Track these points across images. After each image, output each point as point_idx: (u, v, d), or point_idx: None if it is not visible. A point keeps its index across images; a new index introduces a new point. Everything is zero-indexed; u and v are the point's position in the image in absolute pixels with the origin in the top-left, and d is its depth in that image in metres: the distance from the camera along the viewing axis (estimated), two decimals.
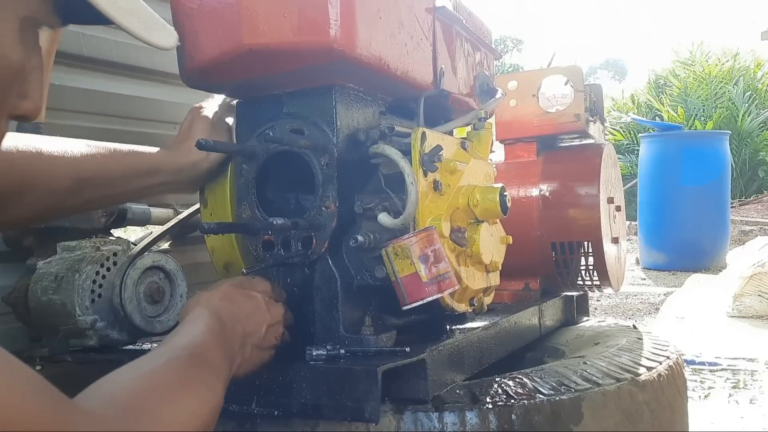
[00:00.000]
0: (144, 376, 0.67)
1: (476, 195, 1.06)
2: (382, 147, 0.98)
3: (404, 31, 1.03)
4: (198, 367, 0.72)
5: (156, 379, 0.67)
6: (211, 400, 0.70)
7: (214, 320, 0.81)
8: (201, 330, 0.79)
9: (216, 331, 0.80)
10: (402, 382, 0.93)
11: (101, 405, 0.59)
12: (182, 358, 0.72)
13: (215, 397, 0.71)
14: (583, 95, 1.60)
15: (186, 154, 1.05)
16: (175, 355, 0.72)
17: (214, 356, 0.76)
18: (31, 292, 1.16)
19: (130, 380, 0.65)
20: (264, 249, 1.02)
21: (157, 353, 0.73)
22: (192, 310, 0.84)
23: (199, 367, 0.72)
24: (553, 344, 1.46)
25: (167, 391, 0.66)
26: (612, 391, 1.02)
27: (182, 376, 0.69)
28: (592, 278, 1.62)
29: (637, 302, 4.17)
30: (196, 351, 0.74)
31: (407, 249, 0.92)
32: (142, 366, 0.69)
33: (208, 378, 0.72)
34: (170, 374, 0.69)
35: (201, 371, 0.72)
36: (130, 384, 0.64)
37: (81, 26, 1.45)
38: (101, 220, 1.27)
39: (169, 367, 0.70)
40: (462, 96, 1.23)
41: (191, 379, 0.70)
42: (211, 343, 0.77)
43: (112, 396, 0.61)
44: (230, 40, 0.93)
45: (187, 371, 0.70)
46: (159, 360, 0.71)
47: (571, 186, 1.58)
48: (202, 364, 0.73)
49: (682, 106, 8.65)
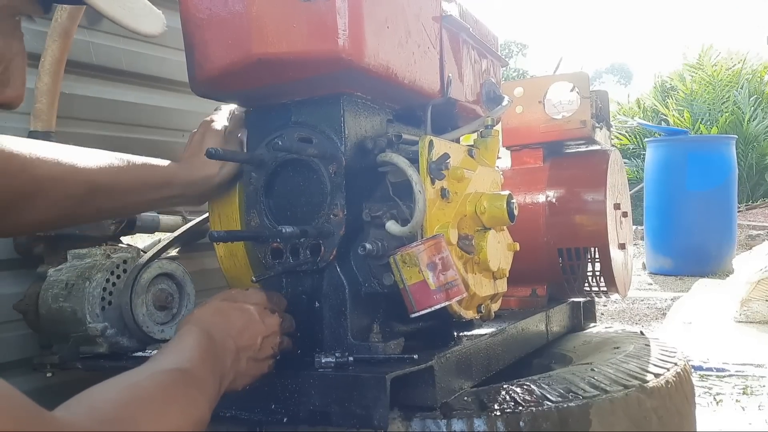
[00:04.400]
0: (126, 388, 0.67)
1: (483, 202, 1.06)
2: (390, 155, 0.99)
3: (411, 39, 1.04)
4: (182, 381, 0.72)
5: (138, 392, 0.67)
6: (193, 415, 0.70)
7: (203, 336, 0.81)
8: (189, 346, 0.79)
9: (204, 347, 0.80)
10: (410, 389, 0.93)
11: (80, 416, 0.59)
12: (166, 372, 0.72)
13: (198, 412, 0.71)
14: (589, 102, 1.60)
15: (198, 169, 1.06)
16: (159, 370, 0.72)
17: (201, 372, 0.76)
18: (42, 300, 1.17)
19: (111, 392, 0.65)
20: (273, 257, 1.02)
21: (142, 368, 0.73)
22: (183, 327, 0.84)
23: (184, 381, 0.72)
24: (560, 350, 1.46)
25: (148, 403, 0.66)
26: (620, 398, 1.03)
27: (165, 389, 0.69)
28: (599, 284, 1.62)
29: (644, 307, 4.16)
30: (182, 366, 0.74)
31: (415, 257, 0.92)
32: (125, 379, 0.69)
33: (192, 393, 0.72)
34: (153, 388, 0.68)
35: (185, 386, 0.72)
36: (112, 396, 0.64)
37: (90, 35, 1.46)
38: (111, 227, 1.28)
39: (153, 381, 0.69)
40: (469, 103, 1.23)
41: (174, 393, 0.70)
42: (198, 360, 0.77)
43: (92, 407, 0.61)
44: (239, 49, 0.94)
45: (171, 385, 0.70)
46: (143, 374, 0.71)
47: (577, 192, 1.58)
48: (187, 379, 0.73)
49: (688, 110, 8.63)
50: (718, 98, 8.66)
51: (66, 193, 0.95)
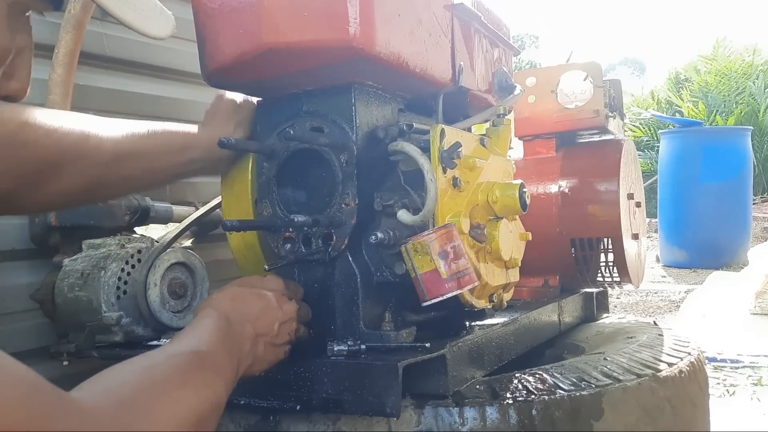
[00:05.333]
0: (143, 370, 0.67)
1: (495, 191, 1.06)
2: (402, 144, 0.99)
3: (423, 28, 1.04)
4: (199, 365, 0.72)
5: (155, 374, 0.67)
6: (209, 397, 0.70)
7: (221, 321, 0.82)
8: (207, 329, 0.79)
9: (222, 332, 0.80)
10: (422, 378, 0.94)
11: (98, 398, 0.59)
12: (184, 355, 0.72)
13: (214, 396, 0.71)
14: (602, 91, 1.59)
15: (215, 131, 1.07)
16: (176, 353, 0.73)
17: (218, 356, 0.76)
18: (58, 289, 1.19)
19: (128, 375, 0.65)
20: (285, 246, 1.03)
21: (159, 351, 0.73)
22: (201, 311, 0.85)
23: (200, 365, 0.72)
24: (572, 341, 1.46)
25: (164, 386, 0.66)
26: (633, 386, 1.02)
27: (181, 372, 0.69)
28: (612, 275, 1.61)
29: (658, 300, 4.14)
30: (199, 350, 0.74)
31: (427, 245, 0.92)
32: (142, 362, 0.69)
33: (208, 376, 0.72)
34: (169, 371, 0.68)
35: (202, 369, 0.72)
36: (129, 378, 0.64)
37: (103, 26, 1.47)
38: (125, 218, 1.29)
39: (169, 364, 0.70)
40: (480, 92, 1.23)
41: (190, 376, 0.70)
42: (216, 343, 0.77)
43: (108, 389, 0.61)
44: (250, 39, 0.94)
45: (187, 368, 0.70)
46: (159, 357, 0.71)
47: (590, 182, 1.57)
48: (204, 362, 0.73)
49: (703, 101, 8.55)
50: (733, 89, 8.57)
51: (92, 161, 0.95)
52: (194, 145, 1.07)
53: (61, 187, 0.94)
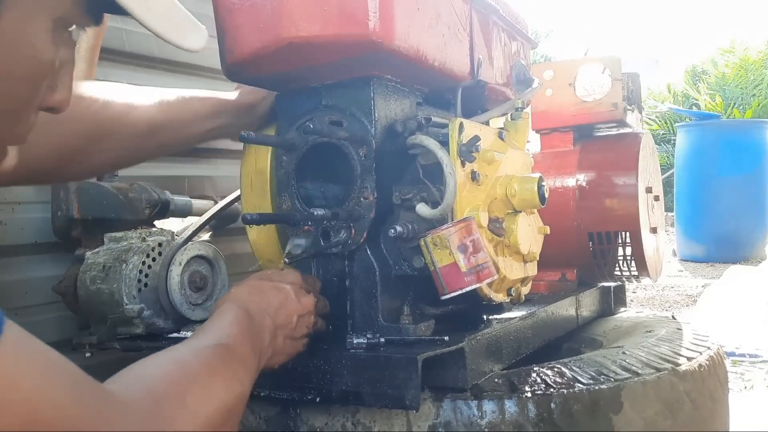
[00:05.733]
0: (172, 364, 0.68)
1: (514, 185, 1.06)
2: (420, 138, 0.99)
3: (441, 22, 1.03)
4: (225, 358, 0.74)
5: (184, 368, 0.68)
6: (236, 389, 0.72)
7: (242, 314, 0.83)
8: (229, 323, 0.80)
9: (244, 324, 0.81)
10: (441, 371, 0.94)
11: (133, 391, 0.60)
12: (210, 348, 0.74)
13: (240, 387, 0.73)
14: (620, 84, 1.58)
15: (244, 96, 1.12)
16: (203, 346, 0.74)
17: (242, 348, 0.78)
18: (80, 282, 1.20)
19: (159, 368, 0.67)
20: (303, 239, 1.03)
21: (186, 344, 0.75)
22: (222, 305, 0.86)
23: (227, 358, 0.74)
24: (590, 335, 1.45)
25: (195, 379, 0.67)
26: (652, 380, 1.02)
27: (210, 366, 0.71)
28: (629, 268, 1.60)
29: (675, 294, 4.11)
30: (224, 343, 0.76)
31: (446, 239, 0.92)
32: (170, 355, 0.70)
33: (234, 368, 0.74)
34: (198, 364, 0.70)
35: (228, 362, 0.73)
36: (159, 371, 0.66)
37: (123, 22, 1.48)
38: (145, 211, 1.31)
39: (197, 357, 0.71)
40: (499, 86, 1.23)
41: (218, 369, 0.71)
42: (239, 336, 0.79)
43: (143, 382, 0.63)
44: (270, 33, 0.94)
45: (215, 362, 0.72)
46: (187, 350, 0.72)
47: (608, 175, 1.56)
48: (230, 355, 0.75)
49: (720, 94, 8.45)
50: (750, 82, 8.46)
51: (129, 132, 0.99)
52: (222, 111, 1.11)
53: (100, 159, 0.98)
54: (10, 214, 1.32)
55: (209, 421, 0.64)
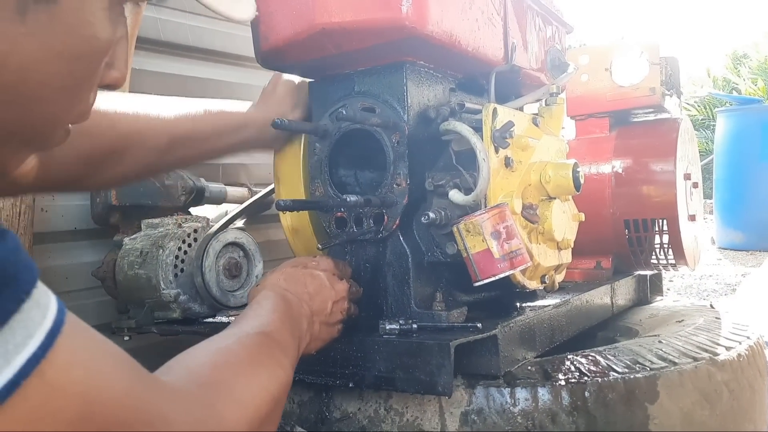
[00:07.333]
0: (217, 352, 0.69)
1: (548, 171, 1.05)
2: (453, 123, 0.98)
3: (475, 6, 1.02)
4: (267, 345, 0.74)
5: (229, 356, 0.69)
6: (280, 377, 0.72)
7: (280, 301, 0.84)
8: (268, 311, 0.81)
9: (282, 312, 0.82)
10: (473, 358, 0.94)
11: (181, 379, 0.62)
12: (252, 336, 0.74)
13: (284, 374, 0.73)
14: (658, 68, 1.55)
15: (272, 109, 1.09)
16: (245, 334, 0.75)
17: (282, 335, 0.78)
18: (118, 267, 1.23)
19: (204, 357, 0.67)
20: (337, 226, 1.04)
21: (228, 333, 0.75)
22: (259, 293, 0.87)
23: (268, 345, 0.75)
24: (625, 323, 1.43)
25: (240, 366, 0.68)
26: (689, 370, 1.00)
27: (253, 353, 0.72)
28: (666, 257, 1.58)
29: (713, 283, 4.02)
30: (265, 330, 0.76)
31: (479, 225, 0.92)
32: (215, 344, 0.71)
33: (277, 355, 0.74)
34: (242, 352, 0.71)
35: (270, 349, 0.74)
36: (206, 360, 0.67)
37: (157, 11, 1.50)
38: (181, 198, 1.33)
39: (241, 345, 0.72)
40: (533, 71, 1.21)
41: (261, 356, 0.72)
42: (278, 323, 0.79)
43: (190, 371, 0.64)
44: (303, 19, 0.94)
45: (258, 349, 0.73)
46: (230, 338, 0.73)
47: (645, 162, 1.53)
48: (271, 342, 0.75)
49: (763, 78, 8.20)
50: None
51: (150, 146, 0.99)
52: (249, 124, 1.09)
53: (122, 170, 0.98)
54: (51, 202, 1.35)
55: (257, 412, 0.65)
